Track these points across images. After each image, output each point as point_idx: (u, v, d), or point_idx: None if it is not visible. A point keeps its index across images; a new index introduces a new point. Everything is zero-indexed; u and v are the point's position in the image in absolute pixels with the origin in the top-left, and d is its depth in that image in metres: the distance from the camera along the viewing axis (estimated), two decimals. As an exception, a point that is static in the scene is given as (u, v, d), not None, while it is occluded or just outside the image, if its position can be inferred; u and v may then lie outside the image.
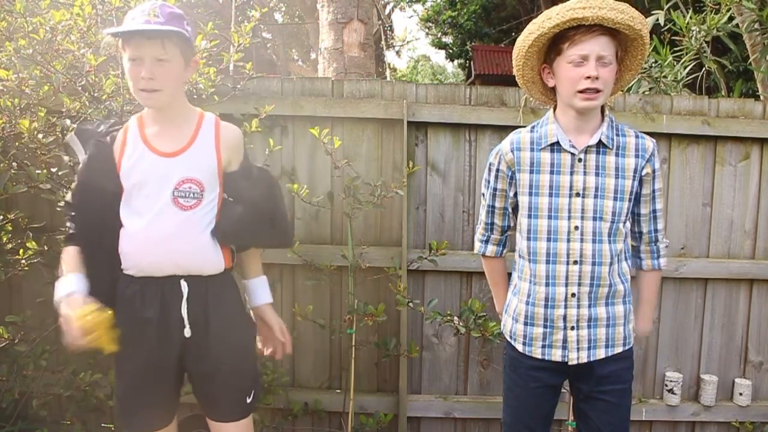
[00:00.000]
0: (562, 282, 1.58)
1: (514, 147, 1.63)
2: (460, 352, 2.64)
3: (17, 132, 1.98)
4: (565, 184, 1.56)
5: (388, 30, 16.42)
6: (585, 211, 1.55)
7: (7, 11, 2.08)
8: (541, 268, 1.59)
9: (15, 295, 2.52)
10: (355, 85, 2.53)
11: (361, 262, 2.44)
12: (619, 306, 1.62)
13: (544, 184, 1.58)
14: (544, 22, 1.49)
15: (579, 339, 1.59)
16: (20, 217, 2.19)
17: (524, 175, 1.61)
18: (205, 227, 1.58)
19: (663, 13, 3.34)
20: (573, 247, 1.56)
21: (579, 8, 1.43)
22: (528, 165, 1.60)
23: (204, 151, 1.59)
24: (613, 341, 1.62)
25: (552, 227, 1.57)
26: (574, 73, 1.48)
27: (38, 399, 2.22)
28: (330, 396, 2.58)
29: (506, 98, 2.53)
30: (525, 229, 1.62)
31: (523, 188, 1.61)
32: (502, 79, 13.64)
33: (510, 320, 1.71)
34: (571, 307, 1.58)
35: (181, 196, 1.55)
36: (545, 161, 1.58)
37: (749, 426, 2.62)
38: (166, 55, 1.48)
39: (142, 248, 1.55)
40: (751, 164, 2.58)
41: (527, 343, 1.65)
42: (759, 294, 2.64)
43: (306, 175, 2.54)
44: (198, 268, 1.59)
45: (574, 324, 1.59)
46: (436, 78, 29.88)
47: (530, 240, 1.60)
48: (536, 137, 1.61)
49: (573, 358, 1.61)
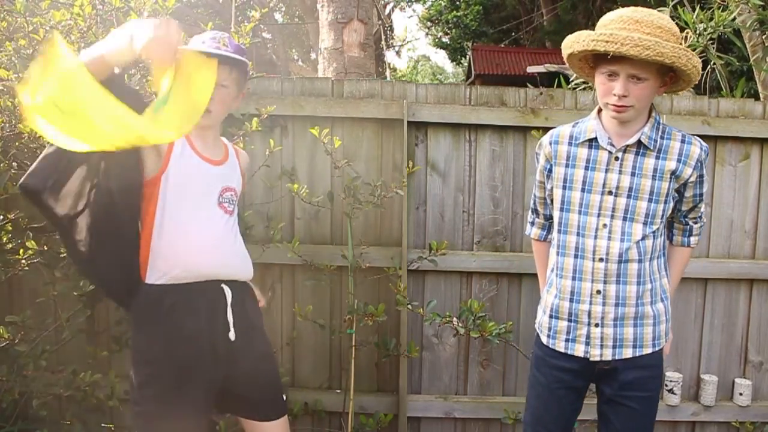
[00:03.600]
0: (588, 278, 1.58)
1: (553, 140, 1.65)
2: (460, 352, 2.64)
3: (17, 132, 1.98)
4: (599, 181, 1.57)
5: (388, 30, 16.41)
6: (616, 210, 1.56)
7: (7, 11, 2.07)
8: (569, 262, 1.61)
9: (15, 295, 2.52)
10: (355, 85, 2.53)
11: (361, 262, 2.44)
12: (649, 306, 1.61)
13: (577, 179, 1.60)
14: (574, 43, 1.49)
15: (603, 336, 1.59)
16: (20, 217, 2.19)
17: (560, 169, 1.63)
18: (237, 234, 1.71)
19: (668, 9, 3.34)
20: (600, 244, 1.56)
21: (602, 41, 1.41)
22: (564, 158, 1.62)
23: (235, 166, 1.77)
24: (641, 341, 1.61)
25: (581, 222, 1.59)
26: (606, 87, 1.49)
27: (38, 399, 2.22)
28: (330, 396, 2.58)
29: (506, 98, 2.53)
30: (557, 221, 1.65)
31: (557, 181, 1.64)
32: (502, 79, 13.63)
33: (540, 312, 1.74)
34: (596, 304, 1.59)
35: (225, 201, 1.67)
36: (581, 156, 1.60)
37: (749, 426, 2.62)
38: (227, 80, 1.60)
39: (195, 251, 1.57)
40: (751, 164, 2.58)
41: (551, 335, 1.67)
42: (759, 294, 2.63)
43: (306, 175, 2.53)
44: (237, 272, 1.68)
45: (599, 321, 1.59)
46: (436, 78, 29.88)
47: (561, 233, 1.63)
48: (576, 132, 1.63)
49: (595, 354, 1.60)
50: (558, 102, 2.54)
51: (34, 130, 1.95)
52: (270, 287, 2.58)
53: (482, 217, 2.58)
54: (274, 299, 2.60)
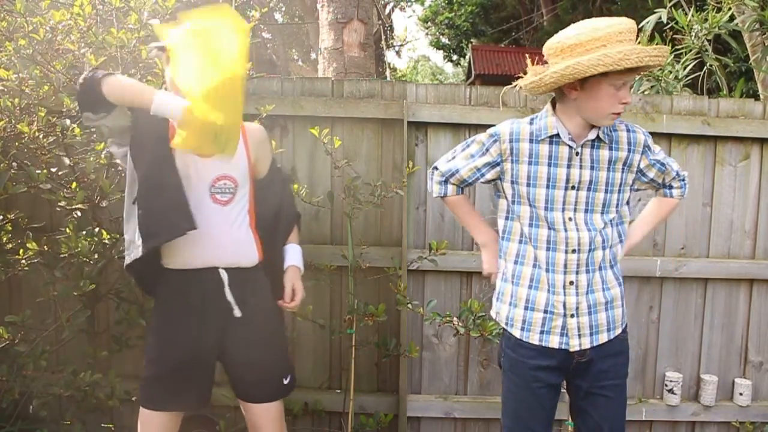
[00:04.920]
0: (560, 269, 1.61)
1: (514, 138, 1.63)
2: (460, 352, 2.64)
3: (17, 132, 1.98)
4: (562, 176, 1.60)
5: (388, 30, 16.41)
6: (578, 203, 1.60)
7: (7, 11, 2.08)
8: (542, 255, 1.63)
9: (15, 295, 2.52)
10: (355, 85, 2.53)
11: (361, 262, 2.44)
12: (615, 288, 1.66)
13: (542, 176, 1.61)
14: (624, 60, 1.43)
15: (580, 326, 1.62)
16: (20, 217, 2.19)
17: (522, 167, 1.63)
18: (241, 222, 1.72)
19: (666, 11, 3.34)
20: (571, 236, 1.59)
21: (655, 56, 1.45)
22: (527, 156, 1.62)
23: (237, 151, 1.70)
24: (614, 323, 1.66)
25: (549, 217, 1.61)
26: (614, 97, 1.51)
27: (38, 399, 2.22)
28: (330, 396, 2.58)
29: (506, 98, 2.53)
30: (525, 216, 1.64)
31: (521, 179, 1.63)
32: (502, 79, 13.63)
33: (506, 307, 1.70)
34: (569, 295, 1.61)
35: (217, 192, 1.68)
36: (543, 153, 1.61)
37: (749, 426, 2.62)
38: None
39: (186, 242, 1.63)
40: (751, 164, 2.58)
41: (525, 328, 1.66)
42: (759, 294, 2.64)
43: (306, 175, 2.53)
44: (236, 260, 1.71)
45: (574, 312, 1.61)
46: (435, 78, 29.89)
47: (532, 227, 1.64)
48: (535, 129, 1.62)
49: (574, 345, 1.62)
50: (558, 102, 2.54)
51: (33, 131, 1.97)
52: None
53: (482, 217, 2.57)
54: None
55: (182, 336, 1.69)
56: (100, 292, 2.22)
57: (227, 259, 1.70)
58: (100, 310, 2.43)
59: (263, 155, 1.83)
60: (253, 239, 1.76)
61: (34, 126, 1.98)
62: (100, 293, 2.22)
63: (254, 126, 1.85)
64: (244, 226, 1.74)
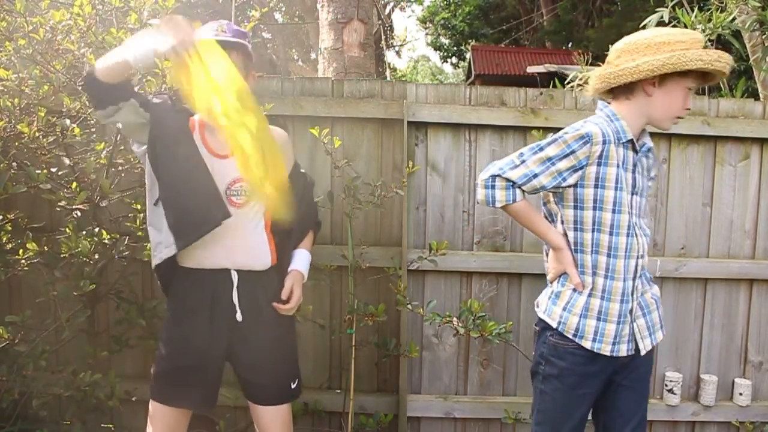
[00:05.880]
0: (630, 276, 1.63)
1: (606, 139, 1.55)
2: (460, 352, 2.64)
3: (17, 132, 1.98)
4: (629, 181, 1.61)
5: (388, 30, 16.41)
6: (638, 208, 1.65)
7: (7, 11, 2.08)
8: (621, 263, 1.59)
9: (15, 295, 2.52)
10: (355, 85, 2.53)
11: (361, 262, 2.44)
12: (655, 287, 1.74)
13: (627, 181, 1.60)
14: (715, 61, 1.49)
15: (639, 328, 1.67)
16: (20, 217, 2.19)
17: (611, 170, 1.56)
18: (255, 225, 1.73)
19: (667, 10, 3.33)
20: (640, 241, 1.64)
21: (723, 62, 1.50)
22: (615, 159, 1.57)
23: None
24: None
25: (629, 223, 1.60)
26: (683, 101, 1.57)
27: (38, 399, 2.22)
28: (330, 396, 2.58)
29: (506, 98, 2.53)
30: (608, 223, 1.58)
31: (609, 182, 1.56)
32: (502, 79, 13.64)
33: (574, 318, 1.62)
34: (635, 300, 1.66)
35: (233, 195, 1.69)
36: (623, 157, 1.59)
37: (749, 426, 2.62)
38: None
39: (201, 245, 1.65)
40: (751, 164, 2.58)
41: (598, 340, 1.61)
42: (759, 294, 2.63)
43: (306, 175, 2.53)
44: (249, 263, 1.72)
45: (639, 315, 1.67)
46: (435, 78, 29.90)
47: (612, 235, 1.58)
48: (614, 131, 1.58)
49: (643, 347, 1.67)
50: (558, 102, 2.54)
51: (33, 131, 1.96)
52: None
53: (482, 217, 2.58)
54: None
55: (192, 334, 1.70)
56: (100, 292, 2.23)
57: (239, 262, 1.71)
58: (100, 310, 2.43)
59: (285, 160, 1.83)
60: (268, 242, 1.76)
61: (34, 126, 1.98)
62: (100, 293, 2.22)
63: (277, 130, 1.84)
64: (260, 228, 1.74)
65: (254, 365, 1.76)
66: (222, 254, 1.69)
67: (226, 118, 1.47)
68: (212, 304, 1.70)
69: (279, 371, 1.80)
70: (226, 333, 1.72)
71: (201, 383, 1.73)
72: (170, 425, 1.73)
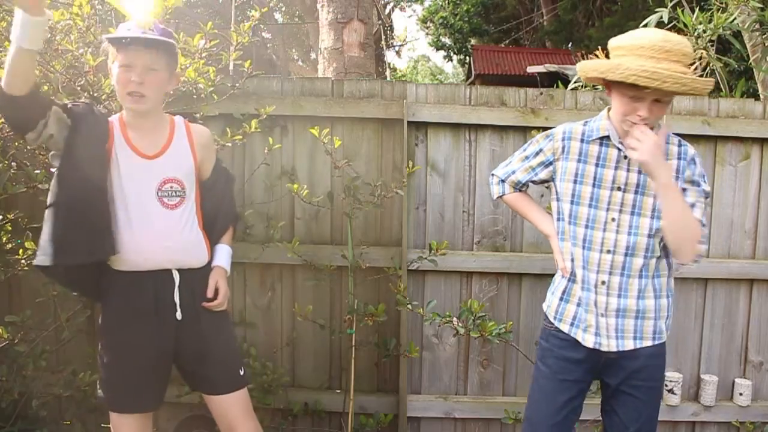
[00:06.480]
0: (593, 269, 1.65)
1: (566, 136, 1.71)
2: (460, 352, 2.64)
3: (17, 132, 1.98)
4: (609, 177, 1.64)
5: (388, 30, 16.41)
6: (624, 205, 1.63)
7: (6, 11, 2.08)
8: (578, 252, 1.67)
9: (15, 295, 2.52)
10: (355, 85, 2.53)
11: (361, 262, 2.44)
12: (651, 300, 1.66)
13: (589, 175, 1.66)
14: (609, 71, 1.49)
15: (607, 326, 1.65)
16: (20, 217, 2.19)
17: (571, 164, 1.68)
18: (191, 224, 1.74)
19: (667, 11, 3.33)
20: (608, 237, 1.63)
21: (644, 77, 1.43)
22: (576, 154, 1.68)
23: (181, 152, 1.74)
24: (641, 333, 1.66)
25: (591, 215, 1.65)
26: (629, 107, 1.53)
27: (38, 399, 2.22)
28: (330, 396, 2.58)
29: (506, 98, 2.53)
30: (567, 214, 1.69)
31: (568, 176, 1.68)
32: (502, 79, 13.63)
33: (550, 296, 1.79)
34: (600, 294, 1.65)
35: (165, 196, 1.68)
36: (593, 153, 1.66)
37: (749, 426, 2.62)
38: (157, 64, 1.63)
39: (137, 247, 1.65)
40: (751, 164, 2.58)
41: (558, 318, 1.73)
42: (759, 294, 2.63)
43: (306, 175, 2.53)
44: (187, 262, 1.74)
45: (603, 312, 1.65)
46: (435, 78, 29.89)
47: (571, 224, 1.68)
48: (587, 130, 1.69)
49: (606, 345, 1.66)
50: (558, 102, 2.54)
51: None
52: (270, 287, 2.58)
53: (482, 217, 2.58)
54: (274, 299, 2.60)
55: (140, 337, 1.69)
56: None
57: (179, 261, 1.72)
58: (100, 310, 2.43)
59: (208, 157, 1.83)
60: (203, 239, 1.78)
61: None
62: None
63: (200, 127, 1.84)
64: (194, 227, 1.75)
65: (202, 358, 1.76)
66: (162, 255, 1.68)
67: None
68: (156, 304, 1.69)
69: (227, 360, 1.82)
70: (172, 331, 1.72)
71: (152, 385, 1.74)
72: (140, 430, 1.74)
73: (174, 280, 1.71)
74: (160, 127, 1.73)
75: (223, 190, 1.89)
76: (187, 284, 1.73)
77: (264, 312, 2.59)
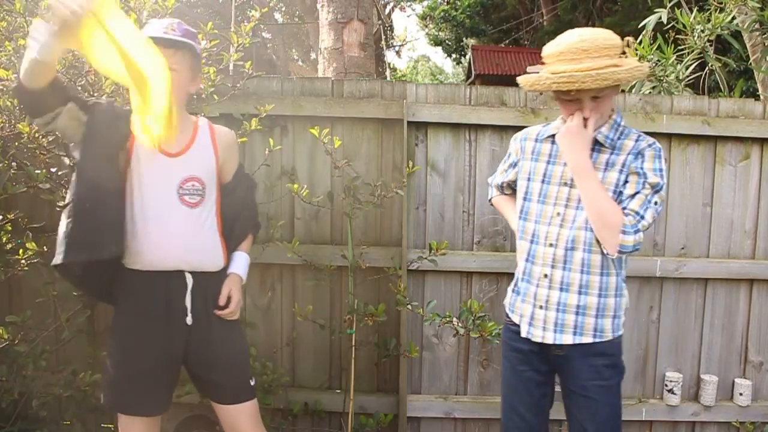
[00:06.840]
0: (538, 262, 1.68)
1: (522, 137, 1.82)
2: (460, 352, 2.64)
3: (17, 132, 1.98)
4: (557, 173, 1.69)
5: (388, 30, 16.41)
6: (570, 199, 1.65)
7: (6, 11, 2.08)
8: (525, 246, 1.72)
9: (15, 295, 2.52)
10: (355, 85, 2.53)
11: (361, 262, 2.44)
12: (594, 297, 1.63)
13: (539, 172, 1.72)
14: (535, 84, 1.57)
15: (546, 319, 1.67)
16: (20, 217, 2.19)
17: (526, 163, 1.76)
18: (209, 226, 1.72)
19: (666, 11, 3.33)
20: (551, 230, 1.66)
21: (563, 82, 1.50)
22: (530, 153, 1.76)
23: (203, 152, 1.73)
24: (581, 329, 1.64)
25: (538, 210, 1.70)
26: (569, 109, 1.61)
27: (38, 399, 2.22)
28: (330, 396, 2.58)
29: (506, 98, 2.53)
30: (519, 209, 1.76)
31: (523, 174, 1.77)
32: (502, 79, 13.65)
33: (510, 293, 1.83)
34: (542, 287, 1.68)
35: (186, 194, 1.67)
36: (545, 151, 1.73)
37: (749, 426, 2.62)
38: (178, 64, 1.60)
39: (153, 245, 1.64)
40: (751, 164, 2.58)
41: (511, 309, 1.80)
42: (759, 294, 2.63)
43: (306, 175, 2.53)
44: (202, 264, 1.72)
45: (543, 304, 1.67)
46: (435, 78, 29.88)
47: (522, 220, 1.75)
48: (543, 130, 1.77)
49: (537, 335, 1.68)
50: (558, 102, 2.54)
51: (33, 131, 1.96)
52: (270, 287, 2.59)
53: (482, 217, 2.58)
54: (274, 299, 2.60)
55: (150, 339, 1.67)
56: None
57: (194, 262, 1.70)
58: (100, 310, 2.43)
59: (230, 159, 1.82)
60: (220, 243, 1.77)
61: (34, 126, 1.98)
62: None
63: (224, 129, 1.83)
64: (213, 230, 1.74)
65: (210, 365, 1.74)
66: (176, 255, 1.66)
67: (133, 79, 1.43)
68: (167, 306, 1.68)
69: (236, 369, 1.79)
70: (183, 335, 1.70)
71: (163, 387, 1.73)
72: None
73: (187, 283, 1.69)
74: (184, 127, 1.71)
75: (245, 195, 1.88)
76: (200, 289, 1.71)
77: (264, 312, 2.59)
